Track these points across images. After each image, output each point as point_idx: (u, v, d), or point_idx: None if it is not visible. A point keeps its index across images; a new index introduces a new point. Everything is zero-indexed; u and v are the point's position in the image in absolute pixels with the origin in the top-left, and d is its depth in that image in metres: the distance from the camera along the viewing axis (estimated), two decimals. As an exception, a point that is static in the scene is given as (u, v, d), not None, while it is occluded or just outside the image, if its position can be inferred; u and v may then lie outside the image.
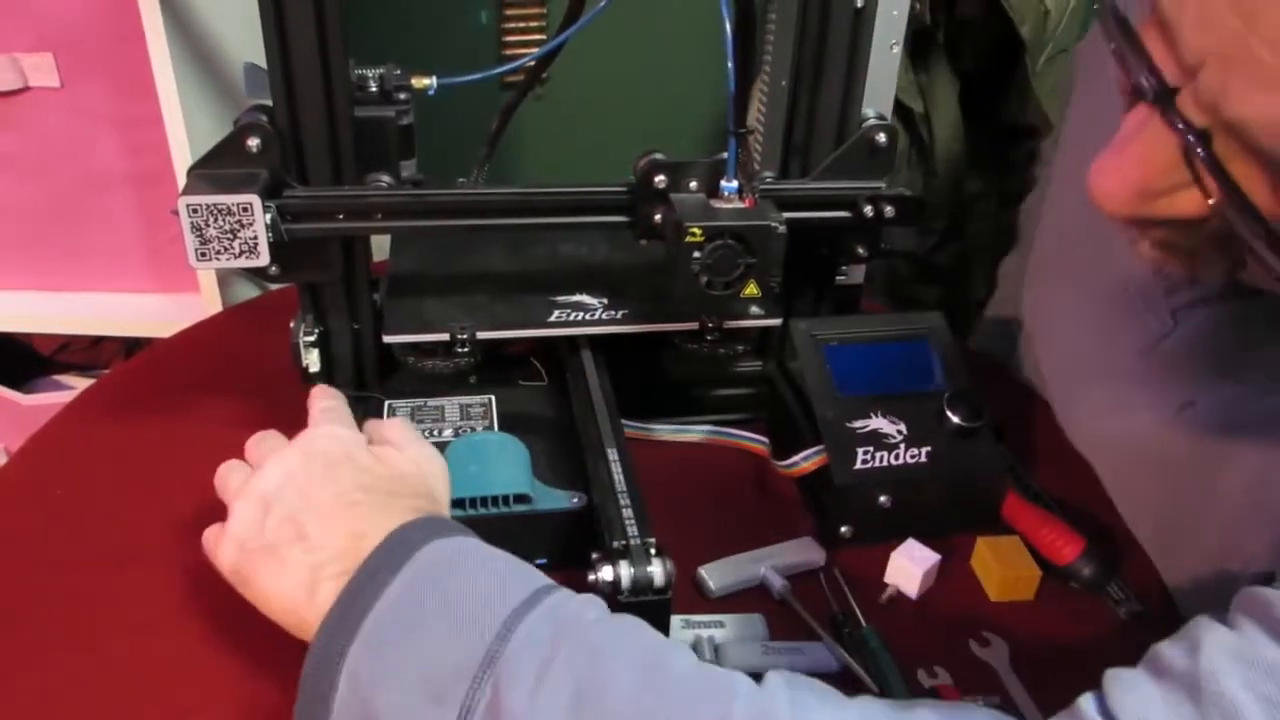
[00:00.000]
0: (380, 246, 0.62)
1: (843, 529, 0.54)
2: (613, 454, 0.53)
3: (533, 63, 0.64)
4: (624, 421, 0.57)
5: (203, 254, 0.51)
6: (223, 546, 0.43)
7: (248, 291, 0.94)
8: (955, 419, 0.55)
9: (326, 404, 0.50)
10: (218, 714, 0.44)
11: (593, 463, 0.53)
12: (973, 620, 0.51)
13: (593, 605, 0.38)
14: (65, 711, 0.45)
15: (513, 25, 1.25)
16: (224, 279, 0.89)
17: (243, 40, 0.88)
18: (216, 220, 0.50)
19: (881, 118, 0.60)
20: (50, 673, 0.46)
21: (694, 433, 0.63)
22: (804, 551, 0.54)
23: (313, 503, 0.42)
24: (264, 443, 0.48)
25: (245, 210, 0.50)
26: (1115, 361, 0.59)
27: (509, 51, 1.25)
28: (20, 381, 1.03)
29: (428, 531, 0.40)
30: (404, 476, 0.45)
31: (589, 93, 1.24)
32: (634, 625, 0.38)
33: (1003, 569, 0.52)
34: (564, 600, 0.38)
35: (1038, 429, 0.66)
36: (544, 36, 1.24)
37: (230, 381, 0.68)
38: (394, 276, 0.64)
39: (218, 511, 0.46)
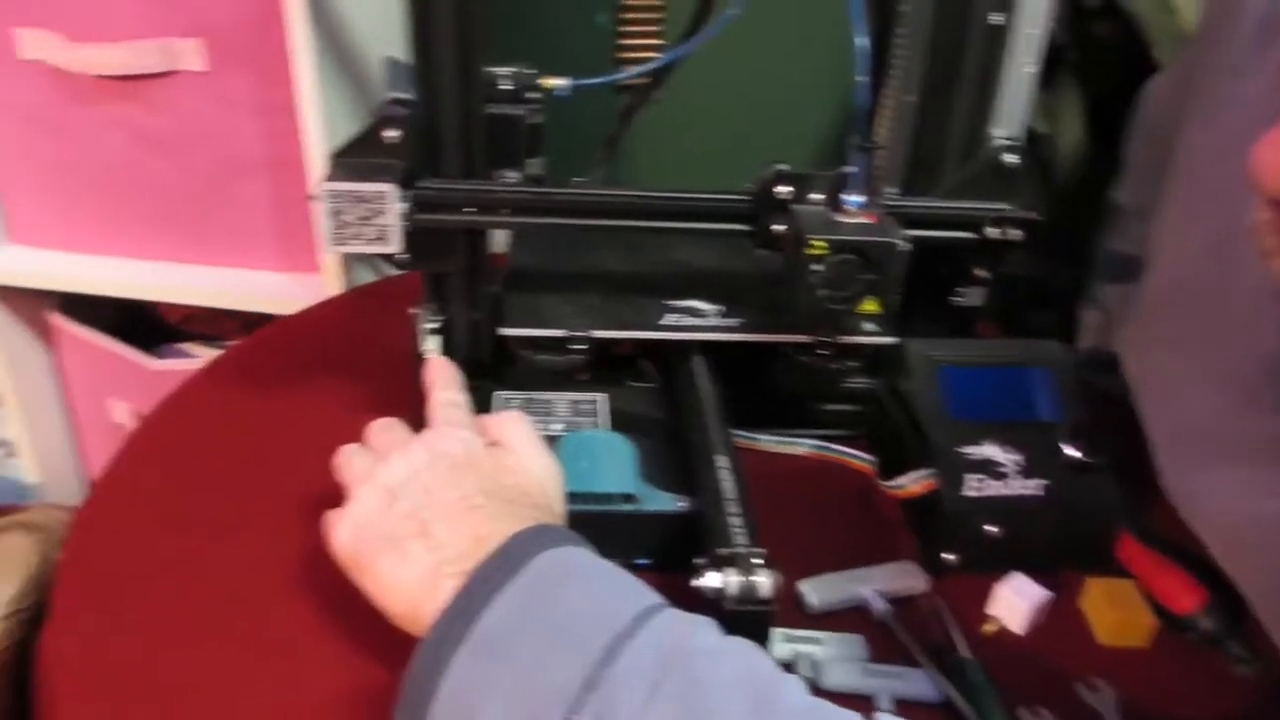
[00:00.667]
0: (498, 240, 0.63)
1: (948, 556, 0.53)
2: (721, 460, 0.52)
3: (656, 69, 0.64)
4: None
5: (338, 238, 0.52)
6: (340, 528, 0.44)
7: (364, 276, 0.96)
8: (1073, 453, 0.53)
9: (448, 397, 0.50)
10: (324, 689, 0.45)
11: (701, 468, 0.52)
12: (1080, 662, 0.49)
13: (702, 628, 0.37)
14: (178, 671, 0.46)
15: (630, 28, 1.26)
16: (346, 262, 0.92)
17: (380, 35, 0.90)
18: (353, 207, 0.52)
19: (1011, 138, 0.58)
20: (170, 630, 0.48)
21: (799, 446, 0.62)
22: (906, 575, 0.53)
23: (437, 501, 0.43)
24: (388, 433, 0.48)
25: (381, 198, 0.51)
26: (1243, 440, 0.56)
27: (626, 55, 1.25)
28: (147, 346, 1.07)
29: (541, 541, 0.40)
30: (524, 488, 0.46)
31: (703, 99, 1.23)
32: (745, 652, 0.36)
33: (1116, 612, 0.50)
34: (672, 622, 0.37)
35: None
36: (661, 41, 1.24)
37: (348, 362, 0.70)
38: (513, 271, 0.65)
39: (333, 489, 0.47)
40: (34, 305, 1.07)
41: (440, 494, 0.43)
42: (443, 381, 0.52)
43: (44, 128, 0.94)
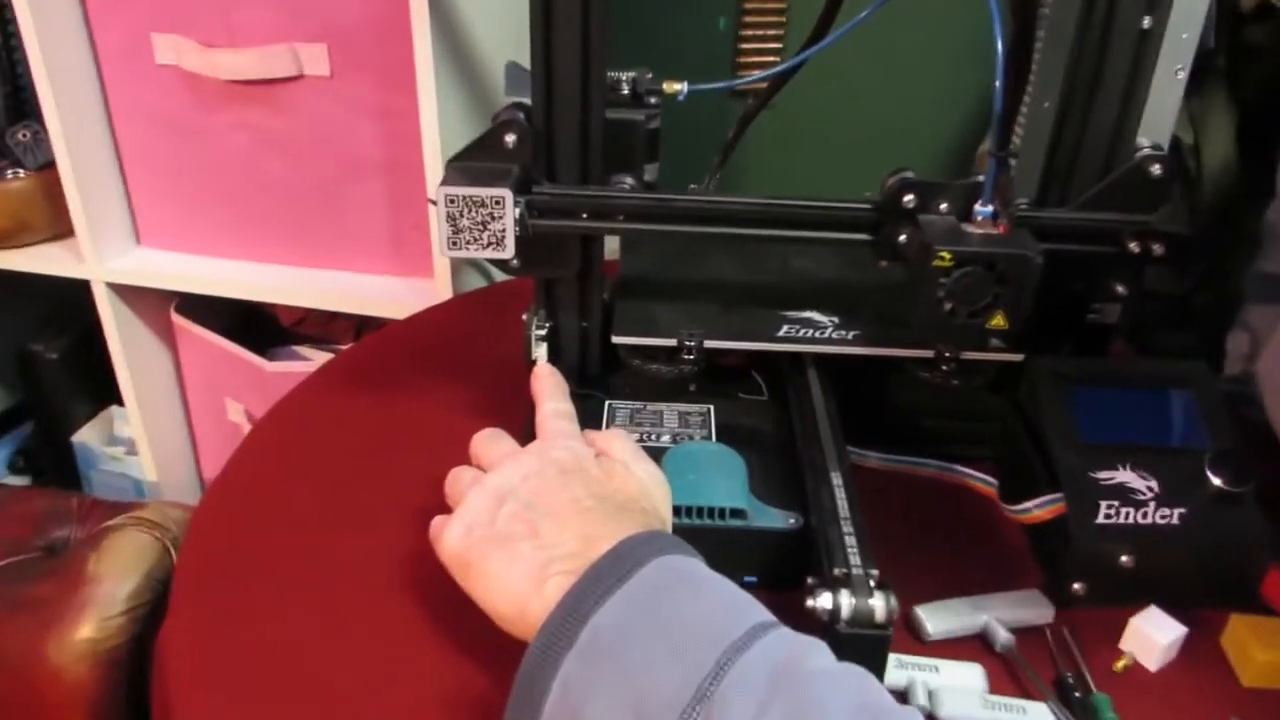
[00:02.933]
0: (609, 247, 0.64)
1: (1076, 586, 0.51)
2: (836, 478, 0.52)
3: (777, 74, 0.64)
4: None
5: (454, 242, 0.54)
6: (450, 529, 0.45)
7: (474, 281, 0.98)
8: (1217, 481, 0.51)
9: (555, 407, 0.52)
10: (432, 684, 0.46)
11: (814, 484, 0.52)
12: (1221, 704, 0.47)
13: (815, 650, 0.37)
14: (292, 665, 0.48)
15: (751, 32, 1.26)
16: (456, 268, 0.94)
17: (498, 42, 0.93)
18: (470, 211, 0.53)
19: (1158, 147, 0.56)
20: (283, 625, 0.50)
21: (918, 465, 0.61)
22: (1030, 605, 0.52)
23: (547, 503, 0.44)
24: (496, 444, 0.50)
25: (498, 203, 0.53)
26: None
27: (744, 59, 1.25)
28: (262, 348, 1.12)
29: (655, 546, 0.40)
30: (632, 495, 0.47)
31: (821, 105, 1.23)
32: (858, 678, 0.36)
33: (1264, 652, 0.48)
34: (784, 640, 0.37)
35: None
36: (781, 46, 1.24)
37: (458, 366, 0.72)
38: (624, 278, 0.66)
39: (440, 490, 0.48)
40: (157, 306, 1.13)
41: (550, 496, 0.45)
42: (550, 391, 0.53)
43: (173, 132, 0.99)
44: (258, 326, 1.18)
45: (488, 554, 0.43)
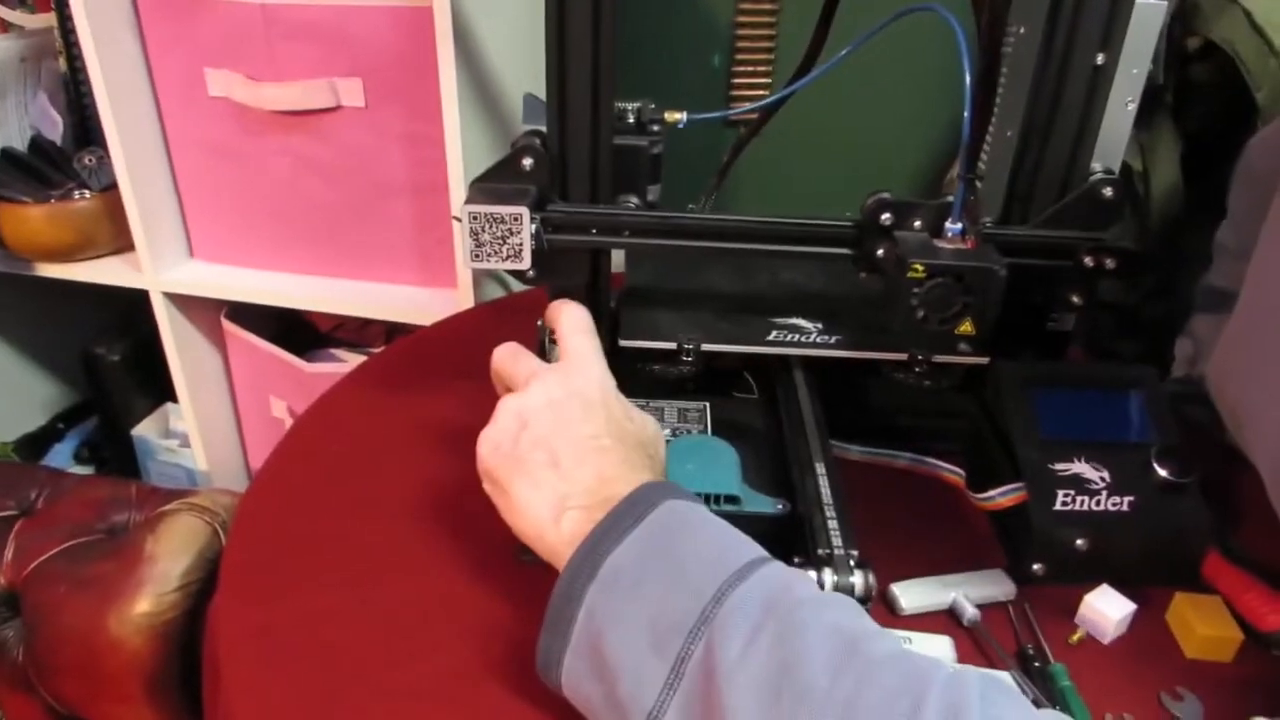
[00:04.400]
0: (616, 260, 0.64)
1: (1035, 566, 0.51)
2: (820, 468, 0.52)
3: (766, 105, 0.64)
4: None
5: (476, 255, 0.54)
6: (482, 445, 0.46)
7: (494, 291, 0.99)
8: (1163, 473, 0.51)
9: (583, 341, 0.50)
10: (447, 659, 0.47)
11: (800, 474, 0.52)
12: (1165, 674, 0.47)
13: (804, 581, 0.38)
14: (331, 637, 0.48)
15: (742, 68, 1.26)
16: (478, 278, 0.94)
17: (516, 75, 0.93)
18: (490, 227, 0.53)
19: (1109, 172, 0.56)
20: (321, 601, 0.50)
21: (893, 457, 0.61)
22: (995, 583, 0.52)
23: (568, 435, 0.44)
24: (519, 363, 0.49)
25: (516, 220, 0.53)
26: None
27: (736, 92, 1.26)
28: (302, 351, 1.12)
29: (665, 492, 0.41)
30: (643, 439, 0.47)
31: (807, 133, 1.23)
32: (842, 605, 0.37)
33: (1204, 627, 0.48)
34: (777, 572, 0.38)
35: (1243, 492, 0.60)
36: (769, 80, 1.25)
37: (479, 367, 0.71)
38: (630, 288, 0.66)
39: (459, 482, 0.47)
40: (208, 313, 1.13)
41: (573, 429, 0.44)
42: (576, 324, 0.51)
43: (224, 157, 0.99)
44: (299, 331, 1.18)
45: (511, 476, 0.44)
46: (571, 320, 0.51)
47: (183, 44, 0.94)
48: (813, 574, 0.44)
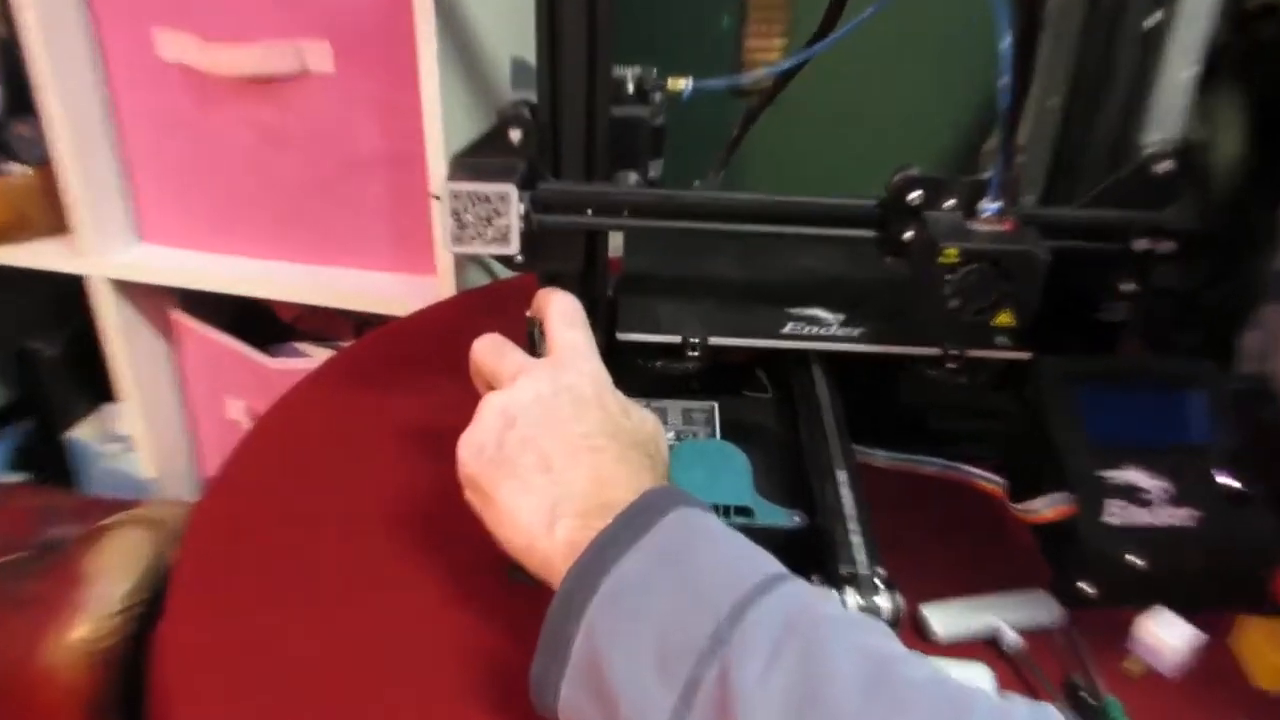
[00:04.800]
0: (613, 244, 0.64)
1: (1085, 587, 0.51)
2: (842, 475, 0.52)
3: (782, 72, 0.64)
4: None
5: (458, 238, 0.54)
6: (463, 448, 0.45)
7: (478, 278, 0.98)
8: (1229, 481, 0.50)
9: (574, 335, 0.50)
10: (420, 687, 0.47)
11: (819, 482, 0.52)
12: (1233, 708, 0.47)
13: (828, 599, 0.38)
14: (291, 664, 0.48)
15: (755, 29, 1.26)
16: (459, 264, 0.94)
17: (503, 37, 0.93)
18: (474, 207, 0.53)
19: (1166, 144, 0.56)
20: (283, 623, 0.50)
21: (924, 463, 0.61)
22: (1038, 605, 0.51)
23: (558, 435, 0.44)
24: (503, 357, 0.49)
25: (503, 199, 0.53)
26: None
27: (748, 56, 1.25)
28: (262, 345, 1.12)
29: (673, 499, 0.41)
30: (646, 434, 0.47)
31: (825, 102, 1.23)
32: (871, 626, 0.37)
33: (1277, 654, 0.47)
34: (798, 589, 0.38)
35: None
36: (784, 43, 1.24)
37: (460, 364, 0.71)
38: (628, 275, 0.66)
39: (437, 488, 0.47)
40: (157, 302, 1.13)
41: (563, 427, 0.44)
42: (566, 315, 0.51)
43: (176, 129, 0.99)
44: (259, 323, 1.18)
45: (497, 482, 0.44)
46: (561, 310, 0.51)
47: (130, 1, 0.94)
48: (834, 594, 0.44)
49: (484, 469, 0.44)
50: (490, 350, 0.50)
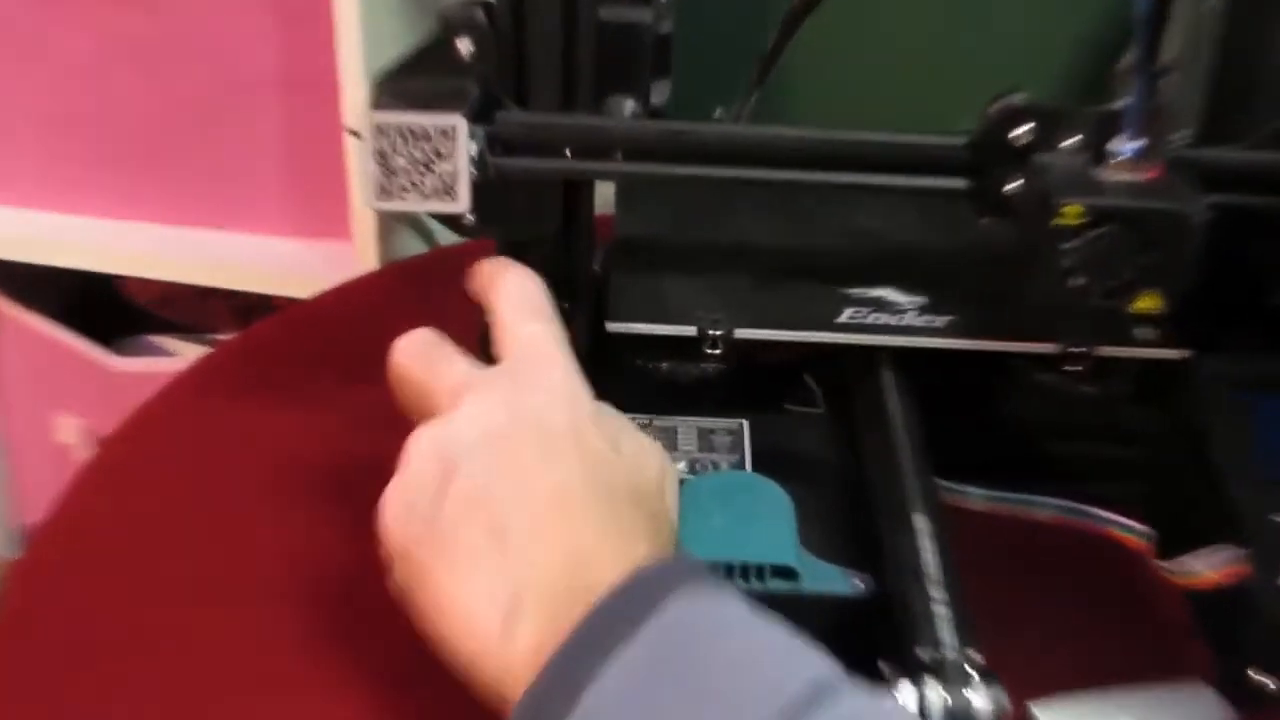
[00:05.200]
0: (602, 197, 0.64)
1: (1263, 679, 0.51)
2: (921, 522, 0.52)
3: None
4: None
5: (384, 190, 0.53)
6: (389, 504, 0.44)
7: (412, 246, 0.99)
8: None
9: (532, 329, 0.49)
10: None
11: (889, 532, 0.52)
12: None
13: (898, 711, 0.38)
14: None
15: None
16: (386, 227, 0.95)
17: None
18: (408, 146, 0.53)
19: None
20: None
21: (1036, 506, 0.61)
22: (1196, 704, 0.52)
23: (520, 493, 0.43)
24: (442, 365, 0.48)
25: (447, 135, 0.52)
26: None
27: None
28: (108, 338, 1.11)
29: (675, 577, 0.40)
30: (647, 479, 0.46)
31: (894, 3, 1.23)
32: None
33: None
34: (857, 702, 0.37)
35: None
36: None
37: (384, 367, 0.72)
38: (623, 241, 0.66)
39: (362, 549, 0.47)
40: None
41: (526, 480, 0.43)
42: (525, 304, 0.51)
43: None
44: (103, 308, 1.18)
45: (435, 559, 0.42)
46: (516, 295, 0.51)
47: None
48: (910, 689, 0.44)
49: (416, 537, 0.43)
50: (419, 357, 0.50)
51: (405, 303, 0.81)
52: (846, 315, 0.61)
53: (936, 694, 0.44)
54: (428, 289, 0.82)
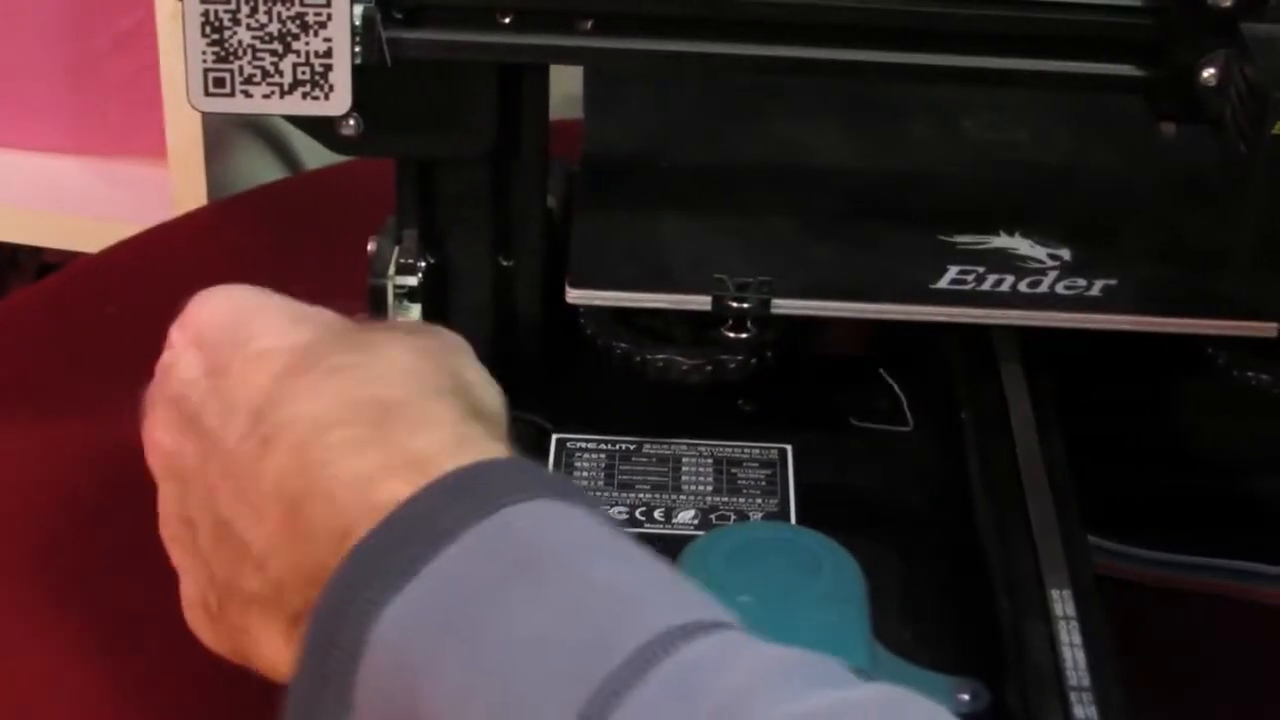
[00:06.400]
0: (561, 95, 0.64)
1: None
2: (1061, 600, 0.52)
3: None
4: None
5: (219, 81, 0.54)
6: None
7: (259, 170, 0.99)
8: None
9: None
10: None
11: (1015, 619, 0.52)
12: None
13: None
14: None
15: None
16: (219, 140, 0.95)
17: None
18: (254, 13, 0.53)
19: None
20: None
21: (1234, 575, 0.61)
22: None
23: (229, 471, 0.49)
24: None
25: (318, -7, 0.52)
26: None
27: None
28: None
29: (524, 479, 0.45)
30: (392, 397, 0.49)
31: None
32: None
33: None
34: (738, 641, 0.40)
35: None
36: None
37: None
38: (595, 165, 0.66)
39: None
40: None
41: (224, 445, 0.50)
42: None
43: None
44: None
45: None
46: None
47: None
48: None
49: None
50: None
51: (240, 256, 0.81)
52: (949, 279, 0.60)
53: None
54: (279, 235, 0.83)
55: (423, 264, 0.61)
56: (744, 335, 0.60)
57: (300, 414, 0.48)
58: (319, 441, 0.47)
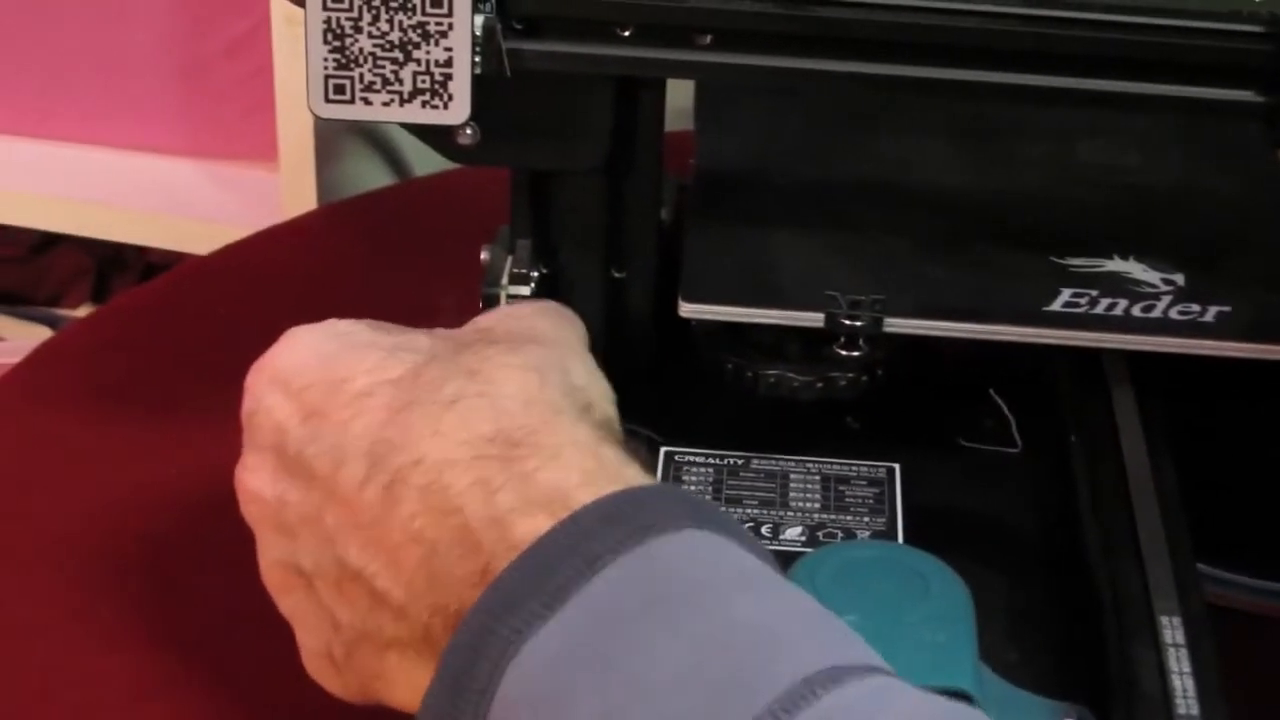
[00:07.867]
0: (675, 109, 0.64)
1: None
2: (1171, 628, 0.52)
3: None
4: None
5: (338, 88, 0.54)
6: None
7: (371, 176, 0.99)
8: None
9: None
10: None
11: (1124, 646, 0.52)
12: None
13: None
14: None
15: None
16: (326, 142, 0.96)
17: None
18: (376, 20, 0.53)
19: None
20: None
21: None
22: None
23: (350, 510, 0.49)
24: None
25: (438, 4, 0.53)
26: None
27: None
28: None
29: (671, 508, 0.44)
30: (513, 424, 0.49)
31: None
32: None
33: None
34: (889, 688, 0.39)
35: None
36: None
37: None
38: (708, 180, 0.66)
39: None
40: None
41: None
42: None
43: None
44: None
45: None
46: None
47: None
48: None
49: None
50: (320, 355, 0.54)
51: (357, 261, 0.81)
52: (1062, 301, 0.60)
53: None
54: (391, 241, 0.83)
55: (535, 274, 0.61)
56: (855, 353, 0.61)
57: (424, 456, 0.48)
58: (450, 486, 0.47)
